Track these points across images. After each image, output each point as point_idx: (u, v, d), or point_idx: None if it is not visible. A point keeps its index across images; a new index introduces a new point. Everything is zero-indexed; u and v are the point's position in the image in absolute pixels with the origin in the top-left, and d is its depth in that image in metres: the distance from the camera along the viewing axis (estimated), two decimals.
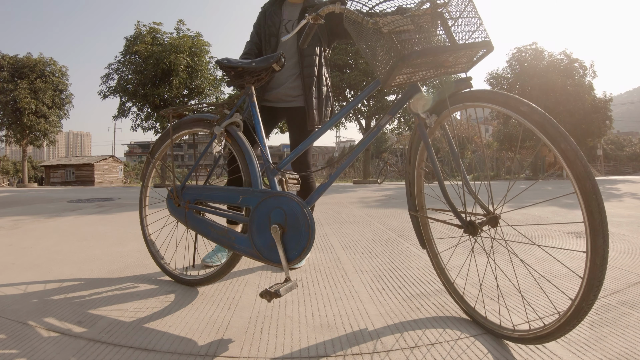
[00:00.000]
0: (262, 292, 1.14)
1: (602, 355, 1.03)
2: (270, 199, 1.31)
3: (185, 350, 1.10)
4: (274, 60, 1.49)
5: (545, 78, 19.36)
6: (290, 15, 2.03)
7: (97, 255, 2.29)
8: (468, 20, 1.09)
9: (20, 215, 4.40)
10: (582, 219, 0.91)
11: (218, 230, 1.47)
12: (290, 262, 1.25)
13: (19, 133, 22.32)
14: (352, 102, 1.46)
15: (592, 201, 0.87)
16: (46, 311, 1.39)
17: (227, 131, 1.56)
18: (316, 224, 1.41)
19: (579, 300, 0.92)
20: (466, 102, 1.13)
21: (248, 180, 1.47)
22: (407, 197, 1.44)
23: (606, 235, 0.87)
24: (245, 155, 1.50)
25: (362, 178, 17.28)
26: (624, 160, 42.06)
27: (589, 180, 0.88)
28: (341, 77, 16.78)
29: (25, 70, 22.32)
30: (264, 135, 1.54)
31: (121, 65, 18.99)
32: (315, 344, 1.13)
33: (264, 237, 1.30)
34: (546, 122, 0.94)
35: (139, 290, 1.63)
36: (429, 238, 1.44)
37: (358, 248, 2.40)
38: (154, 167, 1.86)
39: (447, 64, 1.11)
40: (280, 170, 1.45)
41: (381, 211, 4.49)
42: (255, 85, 1.58)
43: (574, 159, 0.89)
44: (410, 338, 1.16)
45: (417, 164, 1.38)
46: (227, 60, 1.55)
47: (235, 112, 1.57)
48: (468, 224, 1.15)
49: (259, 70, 1.52)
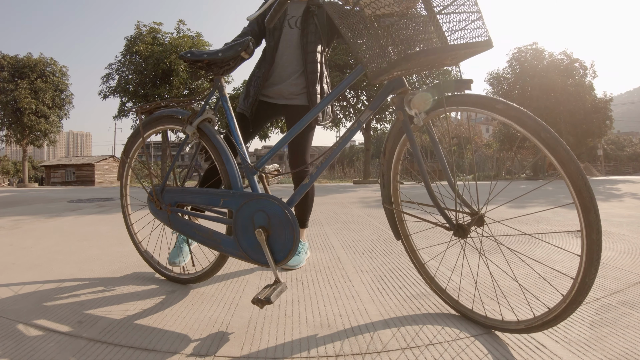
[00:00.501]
0: (254, 300, 1.13)
1: (603, 355, 1.03)
2: (252, 202, 1.28)
3: (185, 350, 1.10)
4: (242, 49, 1.43)
5: (546, 78, 19.35)
6: (294, 12, 2.02)
7: (97, 255, 2.29)
8: (466, 15, 1.04)
9: (20, 215, 4.40)
10: (571, 201, 0.94)
11: (203, 232, 1.44)
12: (277, 263, 1.24)
13: (19, 133, 22.34)
14: (335, 90, 1.34)
15: (579, 182, 0.91)
16: (47, 311, 1.39)
17: (200, 128, 1.47)
18: (316, 224, 1.41)
19: (581, 277, 0.95)
20: (461, 106, 1.11)
21: (227, 181, 1.41)
22: (380, 189, 1.42)
23: (596, 210, 0.91)
24: (222, 154, 1.43)
25: (362, 178, 17.27)
26: (624, 161, 42.05)
27: (573, 163, 0.91)
28: (341, 77, 16.78)
29: (25, 70, 22.33)
30: (238, 132, 1.47)
31: (121, 65, 19.01)
32: (316, 344, 1.13)
33: (249, 239, 1.29)
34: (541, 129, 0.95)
35: (139, 290, 1.63)
36: (406, 234, 1.43)
37: (358, 248, 2.40)
38: (130, 167, 1.82)
39: (446, 63, 1.09)
40: (259, 169, 1.41)
41: (382, 211, 4.49)
42: (224, 75, 1.50)
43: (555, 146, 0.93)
44: (411, 338, 1.16)
45: (395, 158, 1.36)
46: (190, 53, 1.46)
47: (207, 108, 1.48)
48: (458, 227, 1.14)
49: (227, 60, 1.45)
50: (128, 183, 1.86)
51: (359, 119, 1.27)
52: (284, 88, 2.00)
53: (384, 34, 1.03)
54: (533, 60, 20.57)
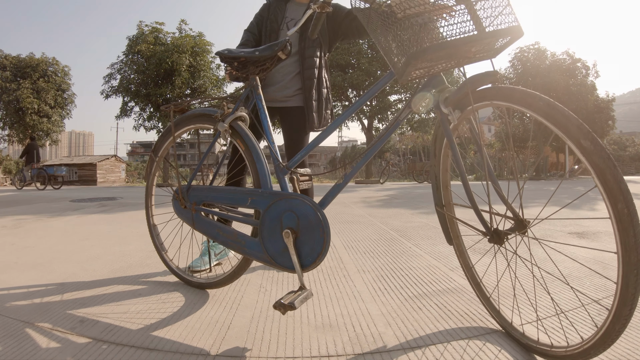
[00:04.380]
0: (276, 304, 1.07)
1: (604, 355, 1.02)
2: (281, 202, 1.22)
3: (187, 349, 1.10)
4: (279, 48, 1.39)
5: (548, 78, 19.31)
6: (294, 14, 2.00)
7: (99, 254, 2.29)
8: (492, 1, 0.95)
9: (22, 215, 4.41)
10: (607, 215, 0.81)
11: (227, 233, 1.39)
12: (304, 268, 1.17)
13: (21, 132, 22.36)
14: (364, 97, 1.29)
15: (617, 196, 0.78)
16: (48, 310, 1.40)
17: (232, 127, 1.46)
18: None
19: (616, 307, 0.81)
20: (494, 101, 0.99)
21: (257, 180, 1.37)
22: (432, 191, 1.35)
23: (637, 228, 0.76)
24: (253, 153, 1.40)
25: (364, 178, 17.26)
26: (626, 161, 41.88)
27: (618, 184, 0.79)
28: (343, 77, 16.78)
29: (27, 70, 22.37)
30: (271, 131, 1.45)
31: (123, 65, 19.04)
32: (317, 344, 1.13)
33: (276, 241, 1.22)
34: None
35: (141, 290, 1.63)
36: (456, 235, 1.35)
37: (360, 248, 2.40)
38: (158, 166, 1.80)
39: (469, 55, 1.02)
40: (291, 169, 1.35)
41: (383, 211, 4.49)
42: (260, 76, 1.48)
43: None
44: (412, 338, 1.16)
45: (442, 158, 1.29)
46: (227, 50, 1.46)
47: (240, 106, 1.47)
48: (493, 232, 1.06)
49: (263, 59, 1.41)
50: (154, 183, 1.83)
51: (398, 117, 1.20)
52: (278, 91, 2.00)
53: (409, 31, 0.97)
54: (535, 60, 20.54)
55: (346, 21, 1.96)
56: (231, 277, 1.51)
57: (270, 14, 2.00)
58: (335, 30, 2.01)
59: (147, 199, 1.83)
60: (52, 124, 23.15)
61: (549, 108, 0.87)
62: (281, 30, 1.98)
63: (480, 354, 1.06)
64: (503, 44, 1.02)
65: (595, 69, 20.66)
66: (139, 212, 4.68)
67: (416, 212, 4.36)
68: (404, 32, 0.99)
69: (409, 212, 4.31)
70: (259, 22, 2.04)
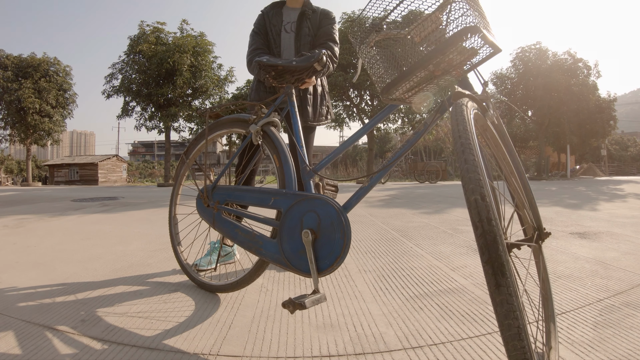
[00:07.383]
0: (285, 302, 1.04)
1: (605, 356, 1.02)
2: (304, 202, 1.20)
3: (188, 349, 1.10)
4: (315, 60, 1.41)
5: (550, 78, 19.28)
6: (290, 17, 2.07)
7: (100, 254, 2.30)
8: (462, 19, 0.92)
9: (24, 214, 4.42)
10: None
11: (246, 233, 1.36)
12: (321, 272, 1.12)
13: (23, 132, 22.41)
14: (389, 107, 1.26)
15: None
16: (50, 309, 1.40)
17: (264, 130, 1.49)
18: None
19: None
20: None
21: (282, 181, 1.38)
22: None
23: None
24: (281, 155, 1.41)
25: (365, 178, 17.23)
26: (628, 161, 41.79)
27: None
28: (345, 77, 16.77)
29: (29, 69, 22.40)
30: (301, 136, 1.48)
31: (125, 65, 19.08)
32: (319, 344, 1.13)
33: (294, 243, 1.19)
34: None
35: (142, 289, 1.64)
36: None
37: (361, 248, 2.40)
38: (188, 168, 1.83)
39: (437, 73, 0.98)
40: (317, 172, 1.32)
41: (385, 211, 4.49)
42: (295, 86, 1.52)
43: None
44: (413, 338, 1.16)
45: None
46: (267, 58, 1.49)
47: (273, 112, 1.51)
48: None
49: (299, 69, 1.44)
50: (182, 183, 1.87)
51: (425, 122, 1.15)
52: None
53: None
54: (537, 60, 20.51)
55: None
56: (247, 281, 1.50)
57: (271, 20, 2.06)
58: (325, 32, 2.06)
59: (173, 197, 1.87)
60: (54, 124, 23.18)
61: None
62: (281, 32, 2.04)
63: (480, 354, 1.06)
64: (474, 61, 0.97)
65: (596, 68, 20.63)
66: (140, 211, 4.69)
67: (417, 212, 4.36)
68: (380, 66, 1.02)
69: (410, 212, 4.31)
70: (265, 28, 2.09)
